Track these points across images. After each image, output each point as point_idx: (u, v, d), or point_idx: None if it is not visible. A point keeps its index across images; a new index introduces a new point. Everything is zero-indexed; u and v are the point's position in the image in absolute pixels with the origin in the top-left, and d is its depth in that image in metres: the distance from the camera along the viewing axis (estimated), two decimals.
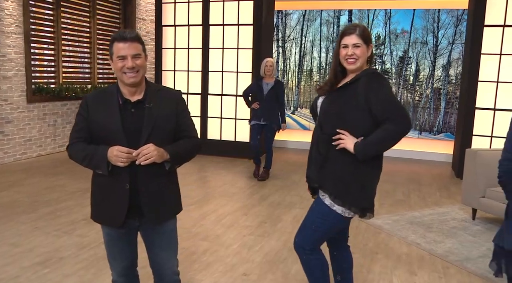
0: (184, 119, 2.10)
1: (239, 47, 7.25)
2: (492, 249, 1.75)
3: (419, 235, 4.02)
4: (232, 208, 4.66)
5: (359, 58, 2.16)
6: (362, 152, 2.10)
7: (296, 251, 2.32)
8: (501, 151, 1.67)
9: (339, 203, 2.18)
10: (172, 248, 2.16)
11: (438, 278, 3.20)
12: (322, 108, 2.25)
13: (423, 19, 7.73)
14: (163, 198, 2.05)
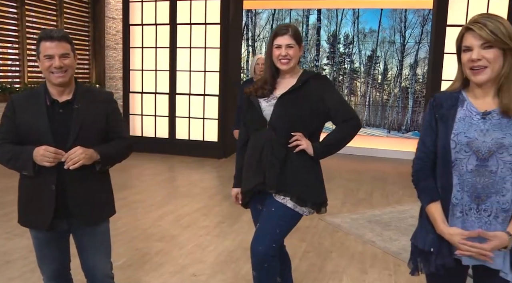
0: (115, 120, 2.06)
1: (206, 46, 7.21)
2: None
3: (376, 233, 4.04)
4: (192, 209, 4.62)
5: (292, 58, 2.17)
6: (321, 154, 2.19)
7: (260, 259, 2.17)
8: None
9: (302, 204, 2.19)
10: (104, 250, 2.12)
11: (388, 276, 3.21)
12: (275, 112, 2.18)
13: (391, 18, 7.80)
14: (93, 199, 2.01)
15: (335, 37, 8.11)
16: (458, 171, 1.52)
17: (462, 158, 1.51)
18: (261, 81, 2.26)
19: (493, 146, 1.47)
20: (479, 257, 1.48)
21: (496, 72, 1.47)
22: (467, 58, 1.49)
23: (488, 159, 1.48)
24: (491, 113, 1.51)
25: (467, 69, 1.51)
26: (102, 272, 2.11)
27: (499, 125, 1.49)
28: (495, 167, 1.48)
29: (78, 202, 1.96)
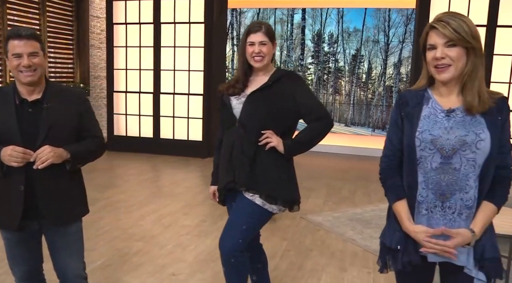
0: (87, 119, 2.05)
1: (190, 45, 7.19)
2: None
3: (357, 232, 4.06)
4: (174, 208, 4.61)
5: (265, 55, 2.16)
6: (292, 151, 2.18)
7: (227, 255, 2.18)
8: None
9: (271, 201, 2.18)
10: (76, 251, 2.10)
11: (367, 274, 3.23)
12: (245, 110, 2.18)
13: (375, 18, 7.84)
14: (64, 199, 1.99)
15: (319, 36, 8.13)
16: (423, 168, 1.53)
17: (426, 155, 1.52)
18: (234, 79, 2.25)
19: (456, 143, 1.48)
20: (443, 254, 1.49)
21: (460, 71, 1.48)
22: (432, 56, 1.50)
23: (452, 157, 1.49)
24: (455, 111, 1.52)
25: (432, 67, 1.52)
26: (74, 272, 2.09)
27: (463, 123, 1.50)
28: (459, 164, 1.49)
29: (47, 202, 1.93)
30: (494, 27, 6.16)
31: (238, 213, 2.21)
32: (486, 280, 1.52)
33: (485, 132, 1.47)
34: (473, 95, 1.48)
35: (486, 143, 1.46)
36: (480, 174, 1.49)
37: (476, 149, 1.47)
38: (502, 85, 6.23)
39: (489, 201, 1.51)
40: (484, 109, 1.48)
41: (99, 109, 9.10)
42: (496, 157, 1.49)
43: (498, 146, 1.49)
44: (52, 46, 7.88)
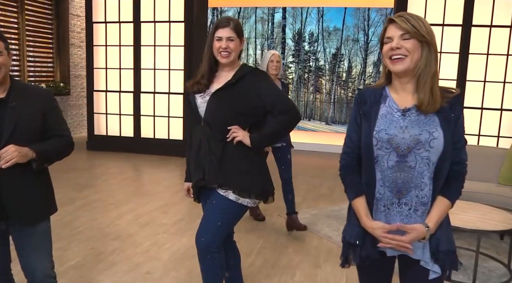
0: (53, 118, 2.04)
1: (171, 44, 7.18)
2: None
3: (333, 228, 4.11)
4: (152, 207, 4.61)
5: (232, 51, 2.16)
6: (259, 144, 2.20)
7: (203, 251, 2.22)
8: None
9: (245, 195, 2.20)
10: (44, 250, 2.09)
11: (340, 270, 3.26)
12: (209, 109, 2.18)
13: (354, 17, 7.91)
14: (30, 198, 1.98)
15: (300, 35, 8.18)
16: (380, 167, 1.57)
17: (383, 154, 1.56)
18: (199, 76, 2.24)
19: (411, 142, 1.52)
20: (399, 248, 1.53)
21: (415, 63, 1.52)
22: (388, 48, 1.54)
23: (407, 155, 1.53)
24: (410, 109, 1.55)
25: (387, 59, 1.55)
26: (43, 272, 2.09)
27: (417, 122, 1.53)
28: (414, 162, 1.53)
29: (14, 202, 1.93)
30: (469, 26, 6.26)
31: (213, 209, 2.23)
32: (441, 272, 1.57)
33: (438, 131, 1.51)
34: (425, 92, 1.51)
35: (439, 141, 1.51)
36: (434, 171, 1.54)
37: (430, 147, 1.51)
38: (478, 84, 6.34)
39: (443, 196, 1.56)
40: (436, 109, 1.52)
41: (80, 108, 9.05)
42: (450, 153, 1.54)
43: (452, 143, 1.53)
44: (31, 45, 7.81)
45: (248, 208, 2.29)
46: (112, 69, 7.51)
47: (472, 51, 6.31)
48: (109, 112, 7.59)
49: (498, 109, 6.35)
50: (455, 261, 1.59)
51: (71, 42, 8.64)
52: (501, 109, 6.33)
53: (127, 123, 7.50)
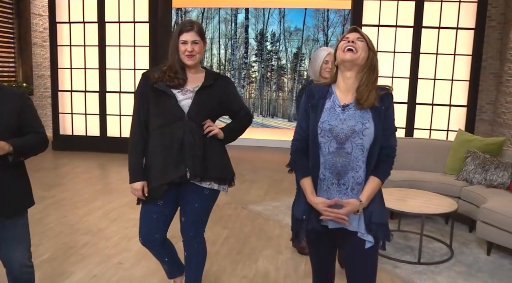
0: (29, 116, 2.18)
1: (136, 44, 7.29)
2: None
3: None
4: (121, 203, 4.76)
5: (197, 54, 2.35)
6: (229, 138, 2.45)
7: (197, 245, 2.50)
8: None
9: (223, 182, 2.45)
10: (22, 241, 2.23)
11: (300, 255, 3.54)
12: (195, 104, 2.32)
13: (314, 18, 8.23)
14: (8, 192, 2.11)
15: (262, 35, 8.44)
16: (322, 152, 1.85)
17: (325, 141, 1.84)
18: (171, 70, 2.34)
19: (348, 131, 1.81)
20: (338, 220, 1.80)
21: (360, 60, 1.82)
22: (344, 42, 1.85)
23: (345, 143, 1.81)
24: (349, 105, 1.85)
25: (341, 51, 1.84)
26: (20, 262, 2.23)
27: (354, 115, 1.82)
28: (350, 149, 1.81)
29: None
30: (420, 28, 6.67)
31: (196, 209, 2.44)
32: (375, 242, 1.85)
33: (370, 122, 1.80)
34: (361, 94, 1.82)
35: (370, 131, 1.80)
36: (367, 156, 1.83)
37: (363, 136, 1.80)
38: (428, 81, 6.77)
39: (374, 176, 1.84)
40: (370, 106, 1.82)
41: (44, 108, 9.00)
42: (380, 141, 1.83)
43: (382, 130, 1.83)
44: None
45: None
46: (77, 69, 7.55)
47: (423, 51, 6.73)
48: (75, 112, 7.63)
49: (447, 105, 6.79)
50: (387, 233, 1.88)
51: (33, 42, 8.58)
52: (449, 105, 6.78)
53: (93, 122, 7.57)
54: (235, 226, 4.17)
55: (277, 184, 5.80)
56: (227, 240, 3.82)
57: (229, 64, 8.60)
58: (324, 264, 2.05)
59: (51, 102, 7.82)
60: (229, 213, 4.50)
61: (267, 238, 3.88)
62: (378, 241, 1.87)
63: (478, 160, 4.26)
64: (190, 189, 2.40)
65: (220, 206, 4.67)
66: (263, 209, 4.65)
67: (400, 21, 6.74)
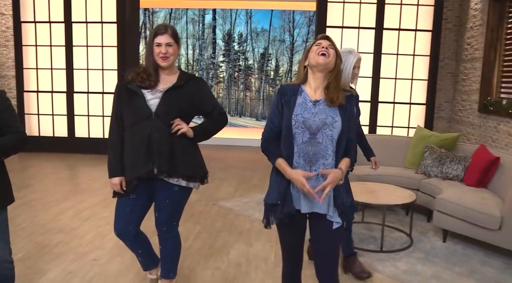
0: (7, 116, 2.26)
1: (103, 45, 7.29)
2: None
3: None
4: (92, 202, 4.81)
5: (171, 55, 2.48)
6: (200, 137, 2.55)
7: (171, 239, 2.64)
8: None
9: (193, 180, 2.57)
10: (2, 238, 2.31)
11: (270, 247, 3.71)
12: (162, 104, 2.44)
13: (280, 19, 8.43)
14: None
15: (230, 36, 8.58)
16: (296, 142, 2.06)
17: (299, 132, 2.05)
18: (145, 73, 2.47)
19: (320, 124, 2.04)
20: (309, 193, 1.97)
21: (331, 64, 2.08)
22: (318, 47, 2.09)
23: (317, 133, 2.04)
24: (319, 101, 2.09)
25: (316, 55, 2.07)
26: (2, 258, 2.30)
27: (324, 109, 2.07)
28: (321, 139, 2.04)
29: None
30: (381, 29, 6.96)
31: (168, 205, 2.56)
32: (342, 222, 2.08)
33: (338, 117, 2.06)
34: (331, 93, 2.08)
35: (339, 124, 2.05)
36: (336, 145, 2.06)
37: (333, 128, 2.04)
38: (390, 81, 7.08)
39: (346, 157, 2.10)
40: (339, 104, 2.07)
41: None
42: (347, 133, 2.07)
43: (348, 126, 2.07)
44: None
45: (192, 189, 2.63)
46: (43, 70, 7.49)
47: (384, 51, 7.02)
48: (41, 113, 7.56)
49: (408, 103, 7.12)
50: (351, 215, 2.13)
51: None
52: (410, 103, 7.11)
53: (61, 123, 7.52)
54: (207, 222, 4.30)
55: (246, 181, 5.96)
56: (199, 235, 3.95)
57: (197, 64, 8.71)
58: (294, 249, 2.22)
59: (17, 103, 7.70)
60: (200, 210, 4.62)
61: (238, 233, 4.02)
62: (344, 222, 2.09)
63: (435, 154, 4.54)
64: (161, 185, 2.53)
65: (191, 203, 4.79)
66: (233, 205, 4.80)
67: (363, 23, 7.02)
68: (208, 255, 3.54)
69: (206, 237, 3.90)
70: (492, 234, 3.48)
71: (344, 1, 6.98)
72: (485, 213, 3.49)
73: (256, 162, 7.23)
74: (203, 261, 3.42)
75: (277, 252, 3.59)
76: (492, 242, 3.52)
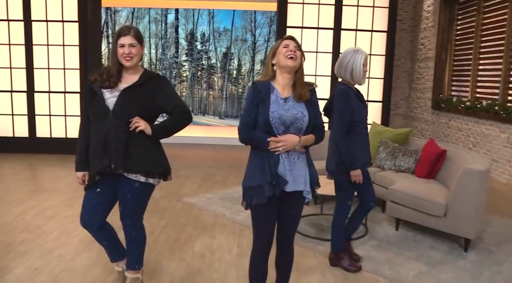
0: None
1: (65, 44, 7.24)
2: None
3: (227, 208, 4.69)
4: (56, 202, 4.82)
5: (134, 56, 2.59)
6: (158, 134, 2.65)
7: (135, 232, 2.75)
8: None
9: (152, 176, 2.66)
10: None
11: (233, 239, 3.86)
12: (118, 103, 2.54)
13: (242, 19, 8.59)
14: None
15: (192, 35, 8.67)
16: (274, 134, 2.31)
17: (276, 126, 2.32)
18: (107, 74, 2.59)
19: (292, 118, 2.33)
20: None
21: (298, 65, 2.35)
22: (285, 50, 2.32)
23: (290, 126, 2.33)
24: (289, 98, 2.37)
25: (285, 57, 2.31)
26: None
27: (294, 105, 2.35)
28: (293, 130, 2.34)
29: None
30: (339, 30, 7.24)
31: (129, 199, 2.66)
32: (311, 198, 2.45)
33: (306, 111, 2.36)
34: (298, 90, 2.36)
35: (307, 117, 2.35)
36: (304, 133, 2.37)
37: (303, 122, 2.34)
38: None
39: (312, 133, 2.40)
40: (305, 99, 2.36)
41: None
42: (313, 123, 2.37)
43: (314, 115, 2.38)
44: None
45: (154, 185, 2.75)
46: (1, 69, 7.36)
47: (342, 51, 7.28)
48: (1, 112, 7.44)
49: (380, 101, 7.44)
50: (315, 190, 2.49)
51: None
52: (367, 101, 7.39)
53: (21, 123, 7.42)
54: (171, 217, 4.41)
55: (210, 178, 6.09)
56: (164, 230, 4.06)
57: (160, 64, 8.76)
58: (269, 227, 2.42)
59: None
60: (165, 206, 4.73)
61: (202, 227, 4.16)
62: (313, 196, 2.47)
63: (389, 148, 4.81)
64: (123, 180, 2.63)
65: (156, 199, 4.88)
66: (198, 201, 4.93)
67: (322, 24, 7.28)
68: (173, 248, 3.66)
69: (171, 231, 4.02)
70: (438, 220, 3.76)
71: (303, 2, 7.21)
72: (432, 201, 3.76)
73: (220, 159, 7.36)
74: (169, 253, 3.54)
75: (240, 244, 3.75)
76: (438, 228, 3.80)
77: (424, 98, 8.49)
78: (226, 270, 3.26)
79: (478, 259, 3.58)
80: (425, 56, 8.48)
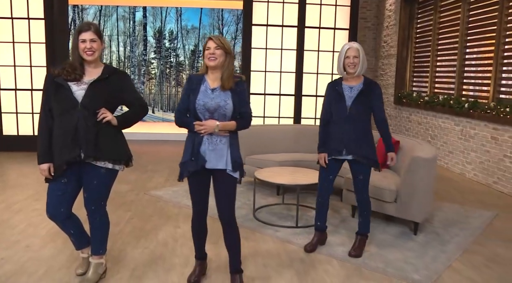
0: None
1: (31, 41, 7.24)
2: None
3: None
4: (23, 196, 4.89)
5: (96, 51, 2.73)
6: (123, 124, 2.85)
7: (99, 218, 2.92)
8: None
9: (118, 163, 2.84)
10: None
11: None
12: (88, 95, 2.68)
13: (210, 17, 8.74)
14: None
15: (160, 33, 8.77)
16: (200, 119, 2.63)
17: (202, 112, 2.68)
18: (70, 67, 2.71)
19: (215, 106, 2.67)
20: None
21: (220, 63, 2.67)
22: (207, 53, 2.67)
23: (214, 113, 2.68)
24: (216, 88, 2.70)
25: (207, 60, 2.67)
26: None
27: (219, 95, 2.69)
28: (217, 116, 2.67)
29: None
30: (303, 27, 7.47)
31: (96, 185, 2.82)
32: (239, 177, 2.78)
33: (230, 99, 2.69)
34: (224, 82, 2.66)
35: (230, 105, 2.68)
36: (228, 121, 2.69)
37: (225, 109, 2.67)
38: (312, 75, 7.59)
39: (234, 120, 2.71)
40: (229, 88, 2.68)
41: None
42: (238, 110, 2.70)
43: (238, 104, 2.69)
44: None
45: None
46: None
47: (306, 48, 7.53)
48: None
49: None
50: (243, 171, 2.81)
51: None
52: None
53: None
54: (138, 208, 4.54)
55: (177, 172, 6.03)
56: (130, 220, 4.19)
57: (129, 61, 8.82)
58: (201, 195, 2.87)
59: None
60: (132, 198, 4.85)
61: (166, 217, 4.31)
62: (239, 176, 2.78)
63: None
64: (89, 168, 2.78)
65: (123, 193, 5.00)
66: (164, 193, 5.07)
67: (286, 21, 7.49)
68: (138, 237, 3.80)
69: (136, 222, 4.15)
70: (390, 206, 4.01)
71: (268, 1, 7.41)
72: (384, 188, 4.01)
73: None
74: (134, 242, 3.68)
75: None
76: (390, 213, 4.05)
77: (387, 94, 8.80)
78: (188, 256, 3.43)
79: (426, 240, 3.84)
80: (387, 53, 8.80)
